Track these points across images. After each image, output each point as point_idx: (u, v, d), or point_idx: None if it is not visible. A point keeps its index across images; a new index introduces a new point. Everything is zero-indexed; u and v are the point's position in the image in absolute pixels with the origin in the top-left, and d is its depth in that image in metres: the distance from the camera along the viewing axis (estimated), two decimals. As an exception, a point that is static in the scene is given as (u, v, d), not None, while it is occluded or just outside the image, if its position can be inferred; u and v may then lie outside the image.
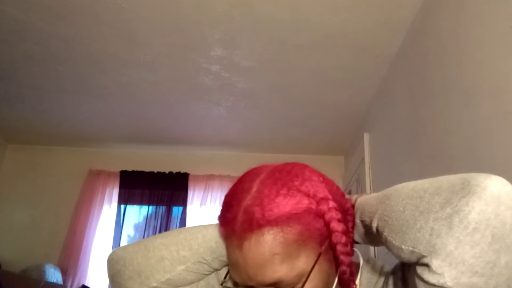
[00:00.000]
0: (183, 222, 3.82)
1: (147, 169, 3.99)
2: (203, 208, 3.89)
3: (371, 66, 2.64)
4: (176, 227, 3.81)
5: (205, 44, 2.49)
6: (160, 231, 3.77)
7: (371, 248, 2.51)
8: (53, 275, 3.22)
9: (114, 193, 3.95)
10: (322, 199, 0.65)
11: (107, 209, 3.90)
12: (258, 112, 3.34)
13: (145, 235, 3.77)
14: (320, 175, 0.72)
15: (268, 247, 0.61)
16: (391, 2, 2.09)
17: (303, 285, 0.62)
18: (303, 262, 0.62)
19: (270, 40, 2.43)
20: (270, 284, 0.62)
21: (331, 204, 0.65)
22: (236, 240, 0.63)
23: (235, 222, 0.64)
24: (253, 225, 0.61)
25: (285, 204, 0.63)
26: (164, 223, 3.81)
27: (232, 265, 0.66)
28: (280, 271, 0.61)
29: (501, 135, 1.33)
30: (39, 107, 3.39)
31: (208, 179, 3.97)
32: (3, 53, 2.66)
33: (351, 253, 0.68)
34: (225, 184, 3.95)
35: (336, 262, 0.66)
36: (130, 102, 3.26)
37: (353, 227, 0.74)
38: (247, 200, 0.64)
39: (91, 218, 3.78)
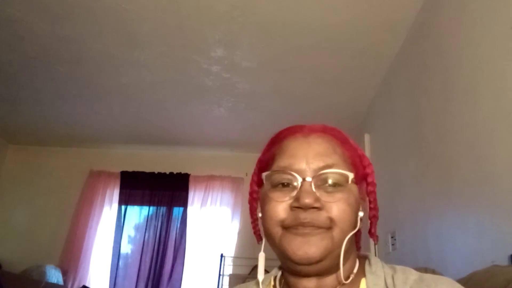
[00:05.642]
0: (183, 223, 3.82)
1: (147, 169, 3.99)
2: (204, 209, 3.89)
3: (371, 67, 2.64)
4: (176, 228, 3.81)
5: (205, 45, 2.49)
6: (160, 232, 3.77)
7: (371, 248, 2.51)
8: (54, 275, 3.22)
9: (114, 194, 3.95)
10: (364, 155, 0.77)
11: (108, 209, 3.90)
12: (259, 113, 3.34)
13: (146, 236, 3.77)
14: None
15: (332, 144, 0.72)
16: (391, 3, 2.09)
17: (347, 186, 0.68)
18: (349, 170, 0.70)
19: (271, 41, 2.43)
20: (324, 166, 0.68)
21: (369, 162, 0.77)
22: (303, 134, 0.73)
23: (302, 127, 0.75)
24: (320, 129, 0.74)
25: (346, 135, 0.75)
26: (164, 224, 3.81)
27: (288, 155, 0.71)
28: (337, 160, 0.70)
29: (502, 135, 1.32)
30: (40, 108, 3.39)
31: (209, 179, 3.97)
32: (4, 55, 2.66)
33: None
34: (225, 185, 3.94)
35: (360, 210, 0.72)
36: (131, 103, 3.26)
37: None
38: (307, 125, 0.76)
39: (91, 218, 3.78)
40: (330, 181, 0.68)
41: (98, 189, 3.92)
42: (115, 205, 3.92)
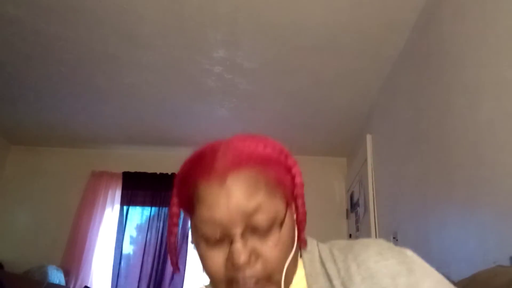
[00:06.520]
0: (185, 224, 3.81)
1: (149, 170, 3.99)
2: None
3: (373, 68, 2.64)
4: (178, 229, 3.80)
5: (207, 46, 2.49)
6: (162, 233, 3.77)
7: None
8: (56, 276, 3.23)
9: (116, 194, 3.95)
10: (288, 154, 0.70)
11: (110, 210, 3.90)
12: (261, 114, 3.34)
13: (148, 236, 3.77)
14: None
15: (252, 180, 0.63)
16: (393, 4, 2.09)
17: (282, 224, 0.64)
18: (278, 203, 0.65)
19: (273, 41, 2.43)
20: (250, 213, 0.62)
21: (294, 160, 0.71)
22: (217, 178, 0.63)
23: (214, 164, 0.64)
24: (235, 163, 0.63)
25: (262, 149, 0.66)
26: (166, 225, 3.80)
27: (208, 207, 0.63)
28: (262, 198, 0.63)
29: (504, 136, 1.32)
30: (42, 108, 3.40)
31: (211, 180, 3.97)
32: (6, 55, 2.67)
33: None
34: (227, 186, 3.93)
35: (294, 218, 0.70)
36: (133, 104, 3.26)
37: None
38: (222, 149, 0.66)
39: (93, 219, 3.78)
40: (261, 227, 0.63)
41: (100, 189, 3.92)
42: (117, 205, 3.92)
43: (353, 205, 3.54)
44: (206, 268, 0.66)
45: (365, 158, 3.04)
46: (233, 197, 0.62)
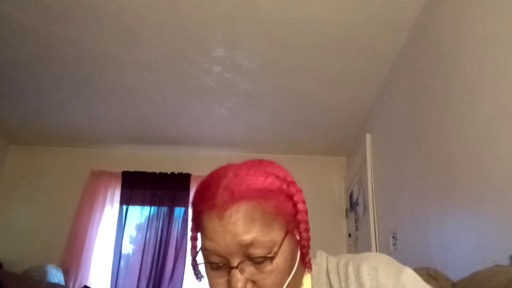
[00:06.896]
0: (185, 223, 3.82)
1: (149, 169, 3.99)
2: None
3: (373, 67, 2.64)
4: (178, 228, 3.81)
5: (207, 45, 2.49)
6: (162, 232, 3.77)
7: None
8: (55, 275, 3.22)
9: (116, 194, 3.95)
10: (291, 182, 0.76)
11: (109, 209, 3.90)
12: (260, 113, 3.34)
13: (147, 236, 3.77)
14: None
15: (248, 214, 0.69)
16: (393, 3, 2.09)
17: (276, 253, 0.69)
18: (275, 232, 0.70)
19: (272, 40, 2.43)
20: (246, 245, 0.68)
21: (298, 187, 0.76)
22: (217, 212, 0.69)
23: (215, 198, 0.70)
24: (234, 197, 0.69)
25: (262, 181, 0.71)
26: (166, 224, 3.81)
27: (208, 238, 0.70)
28: (257, 232, 0.68)
29: (503, 135, 1.32)
30: (41, 108, 3.39)
31: (210, 179, 3.96)
32: (5, 54, 2.67)
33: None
34: (227, 185, 3.93)
35: (297, 243, 0.76)
36: (132, 103, 3.26)
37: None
38: (225, 181, 0.71)
39: (93, 218, 3.79)
40: (257, 258, 0.69)
41: (99, 189, 3.92)
42: (116, 205, 3.91)
43: (352, 204, 3.55)
44: (211, 286, 0.74)
45: (364, 157, 3.04)
46: (230, 231, 0.68)
